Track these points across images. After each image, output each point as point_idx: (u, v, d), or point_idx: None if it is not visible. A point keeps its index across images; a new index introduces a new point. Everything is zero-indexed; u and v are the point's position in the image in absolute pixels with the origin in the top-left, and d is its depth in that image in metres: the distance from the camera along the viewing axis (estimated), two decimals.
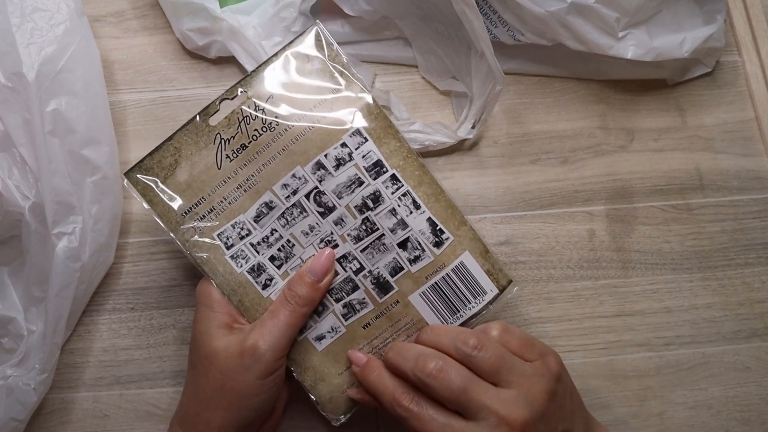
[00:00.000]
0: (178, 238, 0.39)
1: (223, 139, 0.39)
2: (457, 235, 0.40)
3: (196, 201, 0.39)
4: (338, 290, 0.40)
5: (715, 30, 0.47)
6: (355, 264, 0.40)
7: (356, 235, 0.39)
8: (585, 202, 0.49)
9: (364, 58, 0.51)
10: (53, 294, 0.41)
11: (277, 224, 0.39)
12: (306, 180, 0.39)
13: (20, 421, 0.42)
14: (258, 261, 0.39)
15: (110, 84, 0.50)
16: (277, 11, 0.46)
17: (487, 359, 0.35)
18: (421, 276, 0.40)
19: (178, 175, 0.39)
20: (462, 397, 0.34)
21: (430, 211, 0.39)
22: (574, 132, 0.51)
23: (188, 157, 0.39)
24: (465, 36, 0.46)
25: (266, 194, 0.39)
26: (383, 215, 0.39)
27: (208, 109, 0.39)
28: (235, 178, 0.39)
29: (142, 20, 0.52)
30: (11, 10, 0.41)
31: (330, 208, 0.39)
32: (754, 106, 0.51)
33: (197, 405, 0.38)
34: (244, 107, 0.39)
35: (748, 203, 0.49)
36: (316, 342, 0.40)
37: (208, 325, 0.38)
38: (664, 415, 0.46)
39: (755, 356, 0.47)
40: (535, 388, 0.35)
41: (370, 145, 0.39)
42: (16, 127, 0.41)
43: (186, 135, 0.39)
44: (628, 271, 0.48)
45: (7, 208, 0.41)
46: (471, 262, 0.40)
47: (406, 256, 0.39)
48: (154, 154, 0.39)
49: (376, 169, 0.39)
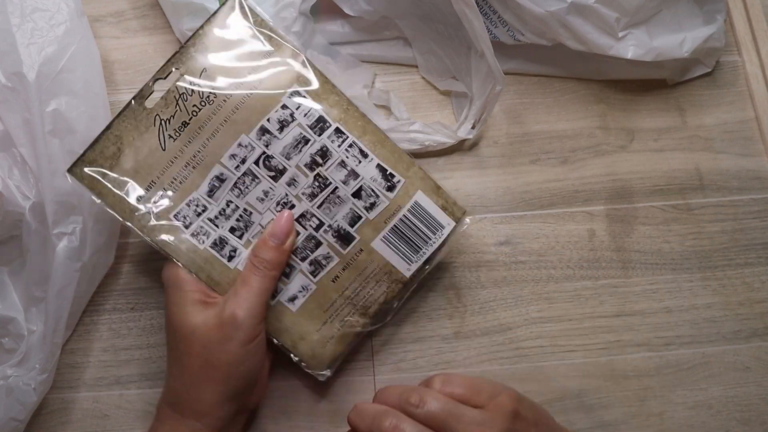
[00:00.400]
0: (135, 225, 0.39)
1: (162, 120, 0.39)
2: (407, 176, 0.41)
3: (146, 186, 0.39)
4: (302, 249, 0.40)
5: (715, 30, 0.47)
6: (314, 221, 0.40)
7: (311, 193, 0.40)
8: (585, 202, 0.49)
9: (364, 58, 0.51)
10: (53, 294, 0.41)
11: (232, 195, 0.39)
12: (253, 147, 0.39)
13: (20, 421, 0.42)
14: (219, 235, 0.39)
15: (110, 84, 0.50)
16: (277, 11, 0.46)
17: (431, 413, 0.35)
18: (379, 221, 0.41)
19: (124, 163, 0.38)
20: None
21: (378, 157, 0.40)
22: (574, 132, 0.51)
23: (131, 143, 0.38)
24: (465, 36, 0.46)
25: (215, 167, 0.39)
26: (333, 169, 0.40)
27: (143, 92, 0.39)
28: (181, 156, 0.39)
29: (142, 20, 0.52)
30: (11, 10, 0.41)
31: (281, 171, 0.40)
32: (754, 106, 0.51)
33: (185, 384, 0.38)
34: (179, 84, 0.39)
35: (748, 203, 0.49)
36: (290, 303, 0.41)
37: (181, 305, 0.38)
38: (664, 415, 0.46)
39: (755, 356, 0.47)
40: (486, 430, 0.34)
41: (310, 102, 0.40)
42: (17, 127, 0.41)
43: (124, 121, 0.38)
44: (628, 271, 0.48)
45: (7, 208, 0.41)
46: (425, 200, 0.41)
47: (362, 204, 0.40)
48: (95, 145, 0.38)
49: (320, 125, 0.40)
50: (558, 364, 0.46)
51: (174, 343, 0.39)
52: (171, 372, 0.39)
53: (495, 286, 0.47)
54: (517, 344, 0.46)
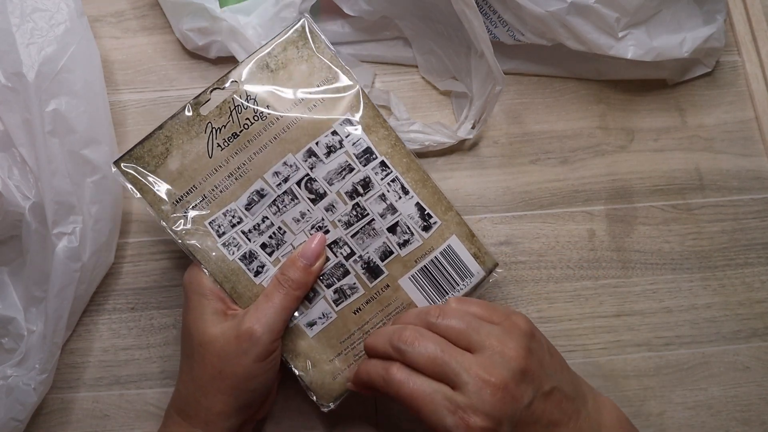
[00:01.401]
0: (170, 226, 0.39)
1: (214, 128, 0.39)
2: (444, 219, 0.41)
3: (187, 189, 0.39)
4: (329, 276, 0.40)
5: (715, 30, 0.47)
6: (346, 249, 0.40)
7: (347, 221, 0.40)
8: (585, 202, 0.49)
9: (364, 58, 0.51)
10: (53, 294, 0.41)
11: (269, 212, 0.40)
12: (297, 167, 0.39)
13: (20, 421, 0.42)
14: (249, 248, 0.40)
15: (110, 84, 0.50)
16: (277, 11, 0.46)
17: (451, 325, 0.36)
18: (410, 260, 0.40)
19: (170, 164, 0.39)
20: (438, 361, 0.34)
21: (418, 196, 0.40)
22: (574, 132, 0.51)
23: (179, 146, 0.39)
24: (465, 36, 0.46)
25: (257, 182, 0.39)
26: (373, 201, 0.40)
27: (199, 99, 0.39)
28: (226, 166, 0.39)
29: (142, 20, 0.52)
30: (11, 10, 0.41)
31: (321, 195, 0.40)
32: (754, 106, 0.51)
33: (195, 393, 0.38)
34: (236, 96, 0.39)
35: (748, 203, 0.49)
36: (308, 328, 0.40)
37: (202, 312, 0.38)
38: (664, 415, 0.46)
39: (755, 356, 0.47)
40: (509, 346, 0.35)
41: (360, 132, 0.40)
42: (16, 127, 0.41)
43: (177, 124, 0.39)
44: (628, 271, 0.48)
45: (7, 208, 0.41)
46: (458, 246, 0.41)
47: (396, 240, 0.40)
48: (145, 142, 0.39)
49: (366, 156, 0.40)
50: None
51: (189, 350, 0.39)
52: (182, 378, 0.39)
53: (495, 286, 0.47)
54: None
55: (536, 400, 0.34)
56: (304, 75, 0.40)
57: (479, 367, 0.34)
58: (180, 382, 0.40)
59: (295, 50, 0.40)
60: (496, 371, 0.34)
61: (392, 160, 0.40)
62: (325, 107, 0.40)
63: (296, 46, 0.40)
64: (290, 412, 0.45)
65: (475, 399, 0.33)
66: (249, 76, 0.39)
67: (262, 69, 0.39)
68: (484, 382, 0.33)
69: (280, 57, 0.40)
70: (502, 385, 0.33)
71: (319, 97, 0.40)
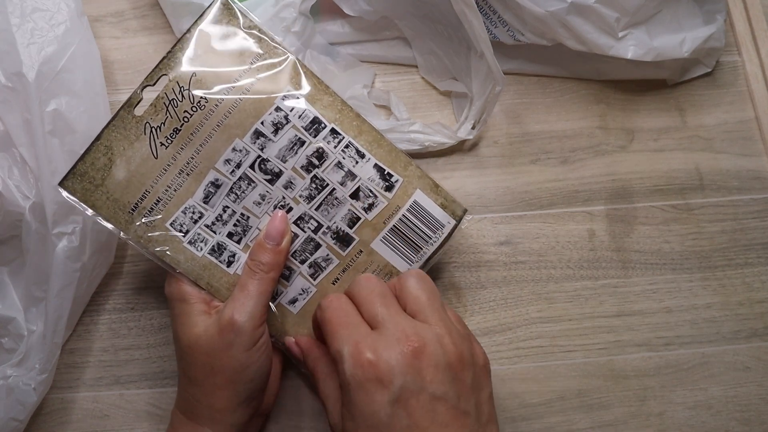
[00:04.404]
0: (131, 237, 0.38)
1: (153, 127, 0.38)
2: (405, 175, 0.40)
3: (140, 196, 0.38)
4: (301, 251, 0.40)
5: (715, 30, 0.47)
6: (313, 223, 0.40)
7: (308, 195, 0.40)
8: (585, 202, 0.49)
9: (364, 58, 0.51)
10: (53, 294, 0.41)
11: (228, 200, 0.39)
12: (247, 151, 0.39)
13: (20, 421, 0.42)
14: (217, 240, 0.39)
15: (110, 84, 0.50)
16: (277, 11, 0.46)
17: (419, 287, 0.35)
18: (378, 222, 0.40)
19: (116, 174, 0.38)
20: (376, 301, 0.34)
21: (375, 157, 0.40)
22: (574, 132, 0.51)
23: (121, 153, 0.38)
24: (465, 36, 0.46)
25: (210, 173, 0.39)
26: (330, 170, 0.39)
27: (131, 100, 0.38)
28: (174, 164, 0.38)
29: (142, 20, 0.52)
30: (11, 10, 0.41)
31: (277, 174, 0.39)
32: (754, 106, 0.51)
33: (195, 393, 0.38)
34: (168, 90, 0.38)
35: (748, 203, 0.49)
36: (291, 305, 0.40)
37: (187, 316, 0.38)
38: (664, 415, 0.46)
39: (755, 356, 0.47)
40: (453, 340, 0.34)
41: (304, 104, 0.39)
42: (16, 127, 0.41)
43: (114, 131, 0.38)
44: (628, 271, 0.48)
45: (7, 208, 0.41)
46: (424, 199, 0.40)
47: (360, 205, 0.40)
48: (85, 157, 0.37)
49: (315, 126, 0.39)
50: (558, 364, 0.46)
51: (180, 354, 0.39)
52: (181, 381, 0.40)
53: (495, 286, 0.47)
54: (517, 344, 0.46)
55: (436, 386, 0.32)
56: (234, 55, 0.38)
57: (410, 328, 0.33)
58: (179, 385, 0.40)
59: (220, 29, 0.38)
60: (423, 340, 0.33)
61: (342, 125, 0.39)
62: (263, 84, 0.38)
63: (220, 25, 0.38)
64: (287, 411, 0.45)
65: (384, 346, 0.32)
66: (178, 67, 0.38)
67: (191, 57, 0.38)
68: (406, 339, 0.32)
69: (206, 40, 0.38)
70: (418, 351, 0.32)
71: (255, 75, 0.38)
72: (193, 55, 0.38)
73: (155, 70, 0.38)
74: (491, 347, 0.46)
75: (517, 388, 0.46)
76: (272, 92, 0.39)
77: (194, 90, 0.38)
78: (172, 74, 0.38)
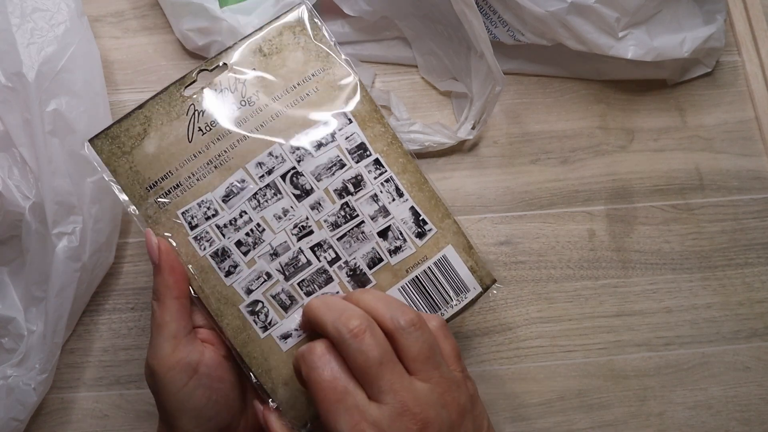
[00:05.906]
0: (141, 213, 0.36)
1: (197, 111, 0.36)
2: (440, 227, 0.37)
3: (162, 175, 0.36)
4: (309, 282, 0.36)
5: (715, 30, 0.47)
6: (331, 253, 0.37)
7: (334, 222, 0.37)
8: (585, 202, 0.49)
9: (364, 58, 0.51)
10: (53, 294, 0.41)
11: (248, 206, 0.36)
12: (283, 159, 0.37)
13: (20, 421, 0.42)
14: (223, 245, 0.36)
15: (110, 84, 0.50)
16: (277, 11, 0.46)
17: (419, 342, 0.31)
18: (401, 269, 0.37)
19: (146, 146, 0.36)
20: (374, 370, 0.30)
21: (413, 200, 0.37)
22: (574, 132, 0.51)
23: (158, 128, 0.36)
24: (465, 36, 0.46)
25: (238, 172, 0.36)
26: (364, 201, 0.37)
27: (184, 79, 0.37)
28: (206, 153, 0.36)
29: (142, 20, 0.52)
30: (11, 10, 0.41)
31: (307, 191, 0.37)
32: (754, 106, 0.51)
33: (166, 422, 0.36)
34: (224, 79, 0.37)
35: (748, 203, 0.49)
36: (281, 341, 0.36)
37: (153, 346, 0.35)
38: (664, 415, 0.46)
39: (755, 356, 0.47)
40: (453, 395, 0.32)
41: (354, 127, 0.37)
42: (16, 127, 0.41)
43: (158, 104, 0.36)
44: (628, 271, 0.48)
45: (7, 208, 0.41)
46: (454, 257, 0.38)
47: (386, 246, 0.37)
48: (123, 121, 0.36)
49: (359, 152, 0.37)
50: (558, 364, 0.46)
51: None
52: None
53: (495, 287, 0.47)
54: (517, 344, 0.46)
55: None
56: (298, 62, 0.37)
57: (413, 396, 0.30)
58: None
59: (292, 35, 0.37)
60: (428, 410, 0.30)
61: (387, 158, 0.37)
62: (319, 98, 0.37)
63: (293, 31, 0.37)
64: None
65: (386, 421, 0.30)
66: (240, 59, 0.37)
67: (255, 53, 0.37)
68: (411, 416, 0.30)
69: (275, 41, 0.37)
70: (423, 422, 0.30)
71: (312, 87, 0.37)
72: (258, 52, 0.37)
73: (217, 56, 0.37)
74: (491, 347, 0.46)
75: (517, 388, 0.46)
76: (325, 107, 0.37)
77: (249, 86, 0.37)
78: (231, 64, 0.37)
